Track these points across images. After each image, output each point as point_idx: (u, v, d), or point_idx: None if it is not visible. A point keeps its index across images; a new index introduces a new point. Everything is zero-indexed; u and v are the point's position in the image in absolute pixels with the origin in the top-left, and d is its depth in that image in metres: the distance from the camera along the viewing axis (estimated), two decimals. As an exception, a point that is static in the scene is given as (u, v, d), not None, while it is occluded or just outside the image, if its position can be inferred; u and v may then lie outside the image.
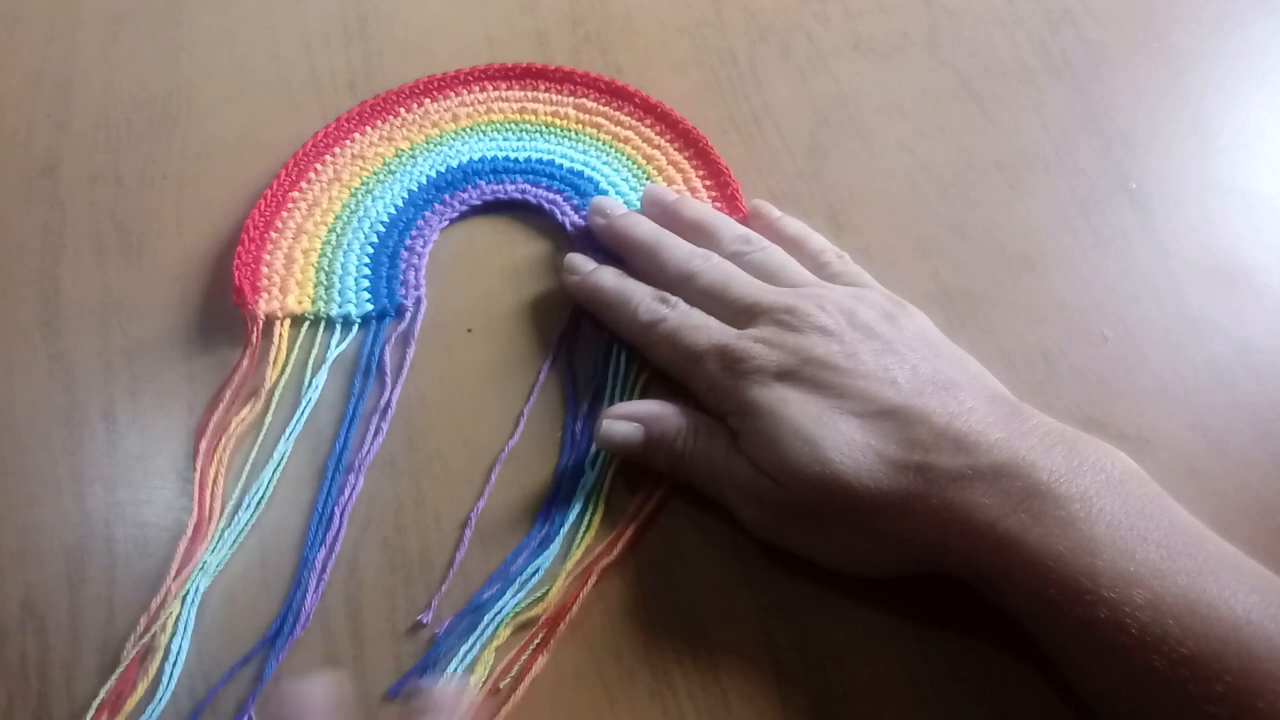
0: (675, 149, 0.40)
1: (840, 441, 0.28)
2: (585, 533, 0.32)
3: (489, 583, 0.31)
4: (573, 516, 0.32)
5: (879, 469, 0.28)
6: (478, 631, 0.30)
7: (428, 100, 0.41)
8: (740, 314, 0.32)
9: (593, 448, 0.33)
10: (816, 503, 0.28)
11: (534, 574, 0.31)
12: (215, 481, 0.32)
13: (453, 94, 0.41)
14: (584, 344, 0.36)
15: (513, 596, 0.30)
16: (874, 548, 0.29)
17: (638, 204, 0.39)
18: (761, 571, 0.31)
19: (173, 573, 0.31)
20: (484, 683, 0.29)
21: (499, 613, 0.30)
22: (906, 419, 0.28)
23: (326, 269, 0.37)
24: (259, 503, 0.32)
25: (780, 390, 0.29)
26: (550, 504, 0.32)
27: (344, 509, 0.32)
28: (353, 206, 0.38)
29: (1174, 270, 0.37)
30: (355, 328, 0.36)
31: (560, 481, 0.33)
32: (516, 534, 0.32)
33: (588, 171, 0.39)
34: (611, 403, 0.34)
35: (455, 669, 0.29)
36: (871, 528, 0.28)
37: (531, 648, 0.30)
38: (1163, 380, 0.35)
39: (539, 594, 0.30)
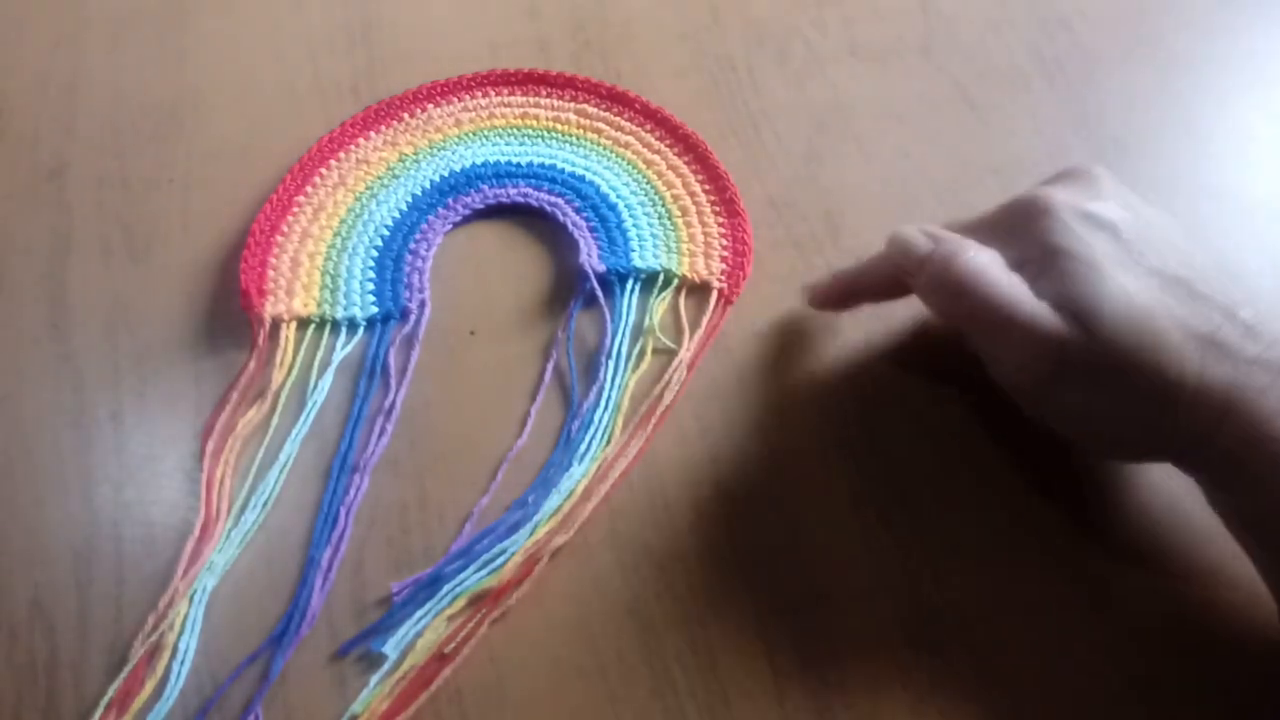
0: (675, 153, 0.41)
1: (1139, 288, 0.28)
2: (553, 517, 0.32)
3: (451, 557, 0.31)
4: (550, 506, 0.32)
5: (1173, 330, 0.28)
6: (434, 600, 0.31)
7: (431, 105, 0.42)
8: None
9: (584, 445, 0.34)
10: (1108, 352, 0.28)
11: (500, 555, 0.31)
12: (222, 482, 0.33)
13: (455, 99, 0.42)
14: (584, 344, 0.36)
15: (474, 572, 0.31)
16: (1133, 417, 0.29)
17: (636, 205, 0.39)
18: (761, 571, 0.32)
19: (180, 572, 0.31)
20: (432, 647, 0.30)
21: (458, 585, 0.31)
22: (1195, 292, 0.28)
23: (332, 272, 0.37)
24: (265, 503, 0.33)
25: (1086, 234, 0.30)
26: (530, 491, 0.33)
27: (349, 509, 0.32)
28: (357, 210, 0.39)
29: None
30: (360, 330, 0.36)
31: (547, 473, 0.33)
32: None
33: (589, 176, 0.40)
34: (609, 401, 0.34)
35: (408, 634, 0.30)
36: (1143, 393, 0.28)
37: (479, 615, 0.30)
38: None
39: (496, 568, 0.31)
